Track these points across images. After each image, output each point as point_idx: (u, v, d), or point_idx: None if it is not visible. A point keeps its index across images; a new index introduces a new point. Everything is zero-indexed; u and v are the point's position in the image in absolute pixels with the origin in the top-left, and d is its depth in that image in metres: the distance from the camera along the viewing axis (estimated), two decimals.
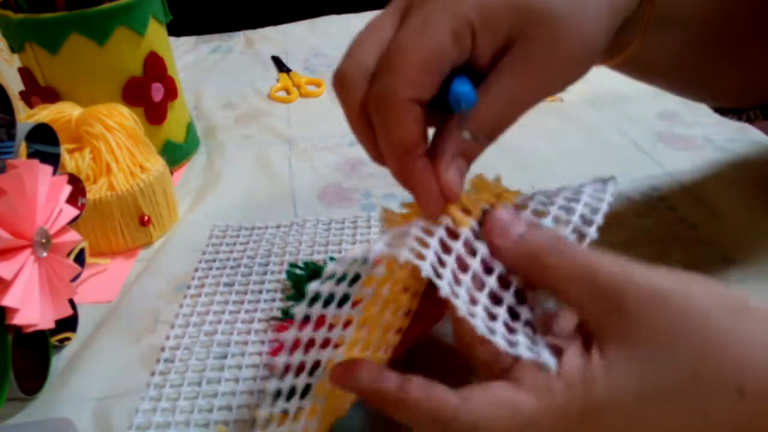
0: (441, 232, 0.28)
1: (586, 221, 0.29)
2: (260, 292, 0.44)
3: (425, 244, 0.27)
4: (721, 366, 0.24)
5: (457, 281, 0.27)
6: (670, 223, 0.47)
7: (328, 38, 0.91)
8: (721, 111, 0.47)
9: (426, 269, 0.25)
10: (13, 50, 0.54)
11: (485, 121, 0.28)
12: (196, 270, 0.47)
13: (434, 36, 0.27)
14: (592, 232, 0.29)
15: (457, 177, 0.28)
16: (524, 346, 0.26)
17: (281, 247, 0.48)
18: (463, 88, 0.28)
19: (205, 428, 0.34)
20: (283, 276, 0.45)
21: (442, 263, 0.27)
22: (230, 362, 0.38)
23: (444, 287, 0.25)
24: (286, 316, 0.41)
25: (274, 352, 0.38)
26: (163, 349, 0.40)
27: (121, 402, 0.36)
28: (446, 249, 0.27)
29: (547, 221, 0.29)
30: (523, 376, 0.25)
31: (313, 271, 0.44)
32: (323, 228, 0.50)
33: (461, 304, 0.25)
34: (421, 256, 0.26)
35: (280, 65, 0.82)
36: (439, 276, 0.26)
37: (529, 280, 0.28)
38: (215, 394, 0.36)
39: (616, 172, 0.36)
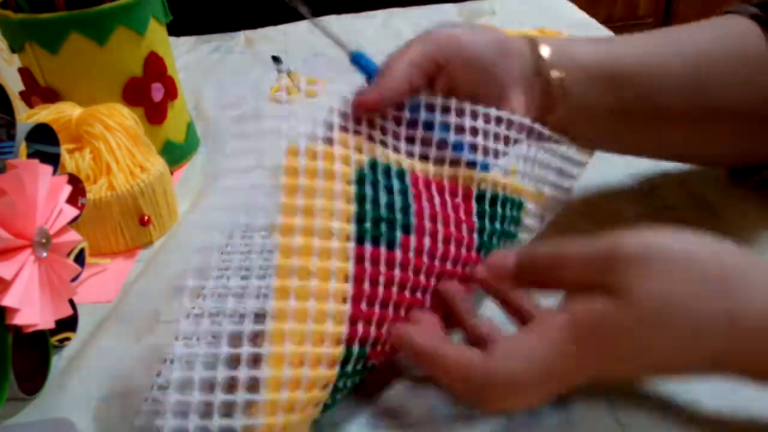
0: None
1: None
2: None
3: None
4: (716, 293, 0.27)
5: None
6: (670, 223, 0.47)
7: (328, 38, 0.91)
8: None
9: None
10: (13, 50, 0.53)
11: None
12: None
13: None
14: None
15: None
16: None
17: None
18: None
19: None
20: None
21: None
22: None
23: None
24: None
25: None
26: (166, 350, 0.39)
27: (121, 402, 0.36)
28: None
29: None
30: (533, 326, 0.29)
31: None
32: None
33: None
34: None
35: (280, 65, 0.82)
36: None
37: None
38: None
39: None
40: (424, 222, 0.33)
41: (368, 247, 0.30)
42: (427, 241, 0.32)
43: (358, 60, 0.40)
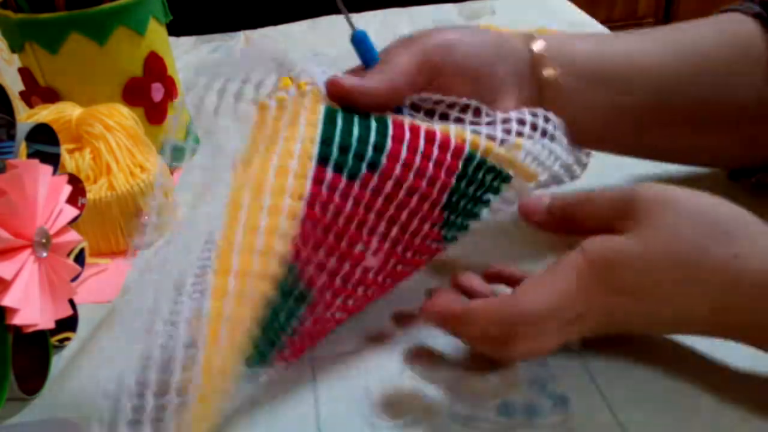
0: None
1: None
2: None
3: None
4: (723, 238, 0.29)
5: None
6: None
7: (328, 38, 0.91)
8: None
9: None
10: (13, 50, 0.53)
11: None
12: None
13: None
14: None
15: None
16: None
17: None
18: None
19: None
20: None
21: None
22: None
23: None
24: None
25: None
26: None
27: (121, 402, 0.36)
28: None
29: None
30: (552, 266, 0.32)
31: None
32: None
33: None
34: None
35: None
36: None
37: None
38: None
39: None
40: (395, 166, 0.32)
41: (329, 173, 0.31)
42: (389, 184, 0.32)
43: (362, 41, 0.38)
